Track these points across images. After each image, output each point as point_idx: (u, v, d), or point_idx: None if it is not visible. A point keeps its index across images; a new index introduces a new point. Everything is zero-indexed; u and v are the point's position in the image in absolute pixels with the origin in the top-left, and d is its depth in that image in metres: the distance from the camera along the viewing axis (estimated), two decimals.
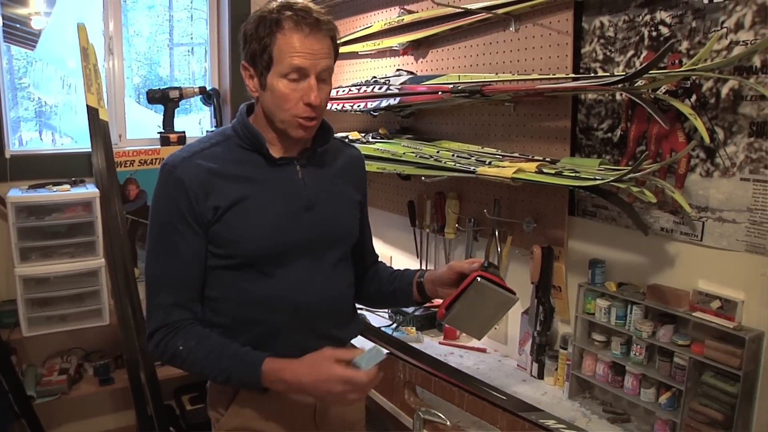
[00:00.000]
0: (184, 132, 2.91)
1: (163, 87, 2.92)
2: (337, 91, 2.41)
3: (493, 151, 1.90)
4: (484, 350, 2.02)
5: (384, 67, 2.42)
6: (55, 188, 2.48)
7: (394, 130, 2.33)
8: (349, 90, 2.35)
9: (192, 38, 3.27)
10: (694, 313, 1.39)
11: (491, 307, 1.26)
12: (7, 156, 2.52)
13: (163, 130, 2.89)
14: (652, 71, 1.35)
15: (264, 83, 1.18)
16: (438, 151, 1.96)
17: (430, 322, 2.19)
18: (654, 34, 1.47)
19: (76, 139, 2.97)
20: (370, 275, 1.47)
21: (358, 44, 2.44)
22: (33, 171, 2.58)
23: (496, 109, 1.93)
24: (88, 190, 2.48)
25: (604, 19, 1.58)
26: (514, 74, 1.83)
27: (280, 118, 1.19)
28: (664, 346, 1.44)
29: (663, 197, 1.48)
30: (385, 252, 2.54)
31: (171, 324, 1.18)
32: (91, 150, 2.42)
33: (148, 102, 2.92)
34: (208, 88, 3.04)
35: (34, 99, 2.98)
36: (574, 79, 1.58)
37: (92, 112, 2.41)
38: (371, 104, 2.19)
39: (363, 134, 2.36)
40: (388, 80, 2.21)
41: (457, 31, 2.02)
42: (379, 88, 2.19)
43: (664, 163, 1.45)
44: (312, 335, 1.21)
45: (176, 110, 2.92)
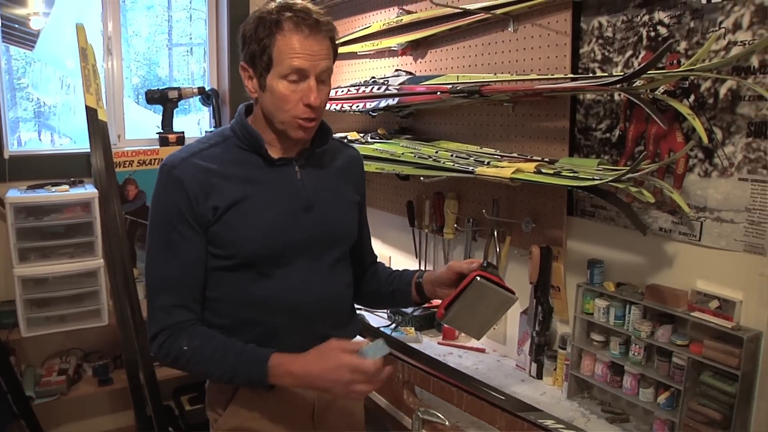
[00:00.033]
0: (183, 132, 2.91)
1: (161, 87, 2.92)
2: (336, 92, 2.41)
3: (492, 151, 1.90)
4: (483, 350, 2.02)
5: (383, 68, 2.42)
6: (53, 189, 2.47)
7: (393, 131, 2.33)
8: (348, 90, 2.35)
9: (191, 38, 3.27)
10: (692, 313, 1.39)
11: (491, 307, 1.26)
12: (6, 156, 2.52)
13: (162, 131, 2.89)
14: (650, 71, 1.35)
15: (263, 84, 1.18)
16: (437, 152, 1.96)
17: (429, 323, 2.19)
18: (652, 34, 1.47)
19: (75, 139, 2.97)
20: (369, 276, 1.47)
21: (357, 44, 2.44)
22: (32, 171, 2.58)
23: (494, 109, 1.94)
24: (87, 191, 2.48)
25: (603, 20, 1.59)
26: (512, 74, 1.83)
27: (280, 119, 1.19)
28: (663, 346, 1.44)
29: (661, 197, 1.48)
30: (384, 252, 2.54)
31: (174, 325, 1.18)
32: (89, 150, 2.42)
33: (146, 102, 2.92)
34: (207, 89, 3.04)
35: (32, 99, 2.97)
36: (572, 80, 1.58)
37: (91, 113, 2.40)
38: (370, 104, 2.19)
39: (362, 134, 2.36)
40: (387, 80, 2.21)
41: (456, 31, 2.02)
42: (378, 89, 2.19)
43: (662, 163, 1.45)
44: (311, 336, 1.21)
45: (175, 110, 2.91)
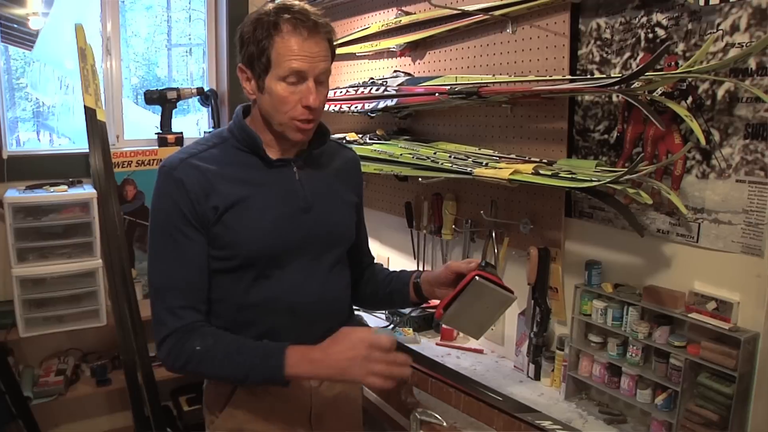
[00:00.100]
0: (182, 133, 2.91)
1: (160, 88, 2.92)
2: (335, 92, 2.41)
3: (490, 152, 1.90)
4: (481, 351, 2.02)
5: (381, 69, 2.42)
6: (52, 189, 2.47)
7: (392, 131, 2.33)
8: (347, 91, 2.35)
9: (190, 39, 3.27)
10: (690, 315, 1.40)
11: (489, 307, 1.26)
12: (5, 156, 2.52)
13: (161, 131, 2.89)
14: (648, 73, 1.36)
15: (262, 86, 1.18)
16: (435, 153, 1.97)
17: (428, 323, 2.19)
18: (650, 36, 1.48)
19: (74, 139, 2.96)
20: (367, 277, 1.48)
21: (356, 45, 2.44)
22: (30, 171, 2.58)
23: (493, 110, 1.94)
24: (86, 191, 2.48)
25: (601, 21, 1.59)
26: (511, 76, 1.83)
27: (278, 121, 1.19)
28: (661, 347, 1.44)
29: (659, 199, 1.48)
30: (383, 253, 2.54)
31: (183, 327, 1.16)
32: (88, 151, 2.41)
33: (145, 103, 2.92)
34: (206, 89, 3.04)
35: (31, 99, 2.97)
36: (570, 81, 1.58)
37: (90, 113, 2.40)
38: (369, 105, 2.19)
39: (360, 135, 2.36)
40: (386, 81, 2.21)
41: (455, 32, 2.02)
42: (377, 90, 2.19)
43: (660, 165, 1.45)
44: (310, 337, 1.21)
45: (174, 111, 2.91)
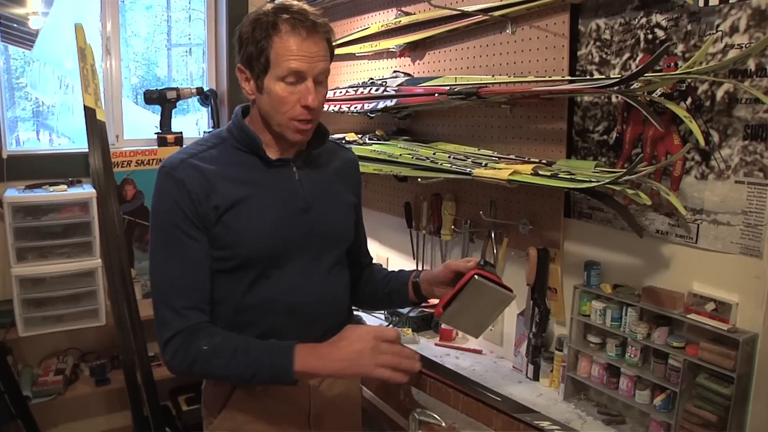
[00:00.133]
0: (182, 133, 2.91)
1: (160, 87, 2.92)
2: (334, 93, 2.41)
3: (490, 152, 1.90)
4: (480, 352, 2.02)
5: (381, 69, 2.42)
6: (51, 188, 2.47)
7: (391, 132, 2.33)
8: (346, 91, 2.35)
9: (190, 39, 3.27)
10: (688, 315, 1.40)
11: (489, 305, 1.26)
12: (4, 156, 2.52)
13: (161, 131, 2.89)
14: (647, 74, 1.36)
15: (261, 86, 1.18)
16: (434, 153, 1.97)
17: (427, 324, 2.19)
18: (650, 36, 1.48)
19: (74, 139, 2.96)
20: (365, 277, 1.48)
21: (356, 46, 2.44)
22: (30, 171, 2.58)
23: (492, 111, 1.94)
24: (85, 191, 2.48)
25: (600, 22, 1.59)
26: (510, 76, 1.83)
27: (277, 121, 1.19)
28: (659, 348, 1.44)
29: (658, 199, 1.48)
30: (382, 253, 2.54)
31: (189, 327, 1.15)
32: (88, 150, 2.41)
33: (145, 102, 2.92)
34: (206, 89, 3.04)
35: (31, 99, 2.97)
36: (570, 82, 1.58)
37: (89, 113, 2.40)
38: (368, 106, 2.19)
39: (360, 135, 2.36)
40: (385, 82, 2.21)
41: (454, 33, 2.02)
42: (376, 90, 2.19)
43: (659, 166, 1.45)
44: (309, 337, 1.21)
45: (173, 111, 2.91)
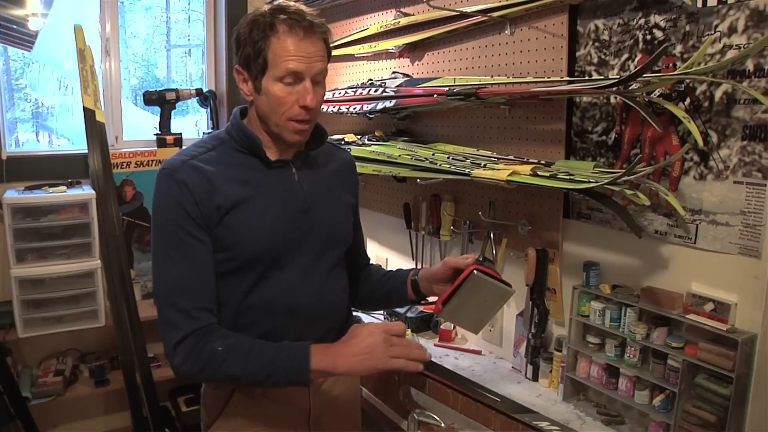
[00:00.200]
0: (181, 134, 2.91)
1: (159, 89, 2.93)
2: (334, 94, 2.41)
3: (489, 153, 1.90)
4: (479, 352, 2.02)
5: (380, 70, 2.42)
6: (51, 190, 2.48)
7: (390, 133, 2.33)
8: (345, 92, 2.35)
9: (189, 40, 3.27)
10: (687, 316, 1.40)
11: (488, 301, 1.26)
12: (4, 157, 2.52)
13: (160, 132, 2.89)
14: (646, 74, 1.36)
15: (259, 87, 1.18)
16: (433, 154, 1.97)
17: (426, 324, 2.19)
18: (648, 37, 1.48)
19: (73, 140, 2.97)
20: (363, 278, 1.48)
21: (355, 46, 2.44)
22: (29, 172, 2.58)
23: (491, 111, 1.94)
24: (85, 192, 2.48)
25: (599, 23, 1.59)
26: (509, 77, 1.83)
27: (275, 122, 1.19)
28: (658, 349, 1.44)
29: (657, 200, 1.48)
30: (381, 254, 2.54)
31: (201, 329, 1.14)
32: (87, 151, 2.42)
33: (144, 104, 2.92)
34: (205, 90, 3.04)
35: (30, 100, 2.97)
36: (569, 82, 1.58)
37: (89, 114, 2.40)
38: (367, 106, 2.19)
39: (359, 136, 2.36)
40: (384, 83, 2.22)
41: (453, 34, 2.02)
42: (375, 91, 2.19)
43: (658, 166, 1.45)
44: (309, 338, 1.21)
45: (173, 112, 2.92)
